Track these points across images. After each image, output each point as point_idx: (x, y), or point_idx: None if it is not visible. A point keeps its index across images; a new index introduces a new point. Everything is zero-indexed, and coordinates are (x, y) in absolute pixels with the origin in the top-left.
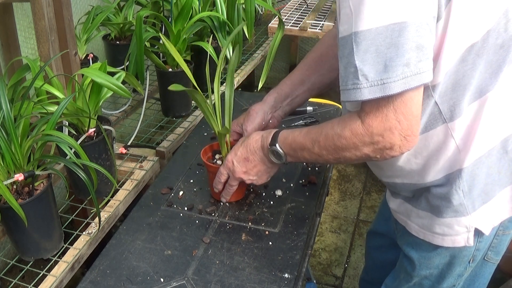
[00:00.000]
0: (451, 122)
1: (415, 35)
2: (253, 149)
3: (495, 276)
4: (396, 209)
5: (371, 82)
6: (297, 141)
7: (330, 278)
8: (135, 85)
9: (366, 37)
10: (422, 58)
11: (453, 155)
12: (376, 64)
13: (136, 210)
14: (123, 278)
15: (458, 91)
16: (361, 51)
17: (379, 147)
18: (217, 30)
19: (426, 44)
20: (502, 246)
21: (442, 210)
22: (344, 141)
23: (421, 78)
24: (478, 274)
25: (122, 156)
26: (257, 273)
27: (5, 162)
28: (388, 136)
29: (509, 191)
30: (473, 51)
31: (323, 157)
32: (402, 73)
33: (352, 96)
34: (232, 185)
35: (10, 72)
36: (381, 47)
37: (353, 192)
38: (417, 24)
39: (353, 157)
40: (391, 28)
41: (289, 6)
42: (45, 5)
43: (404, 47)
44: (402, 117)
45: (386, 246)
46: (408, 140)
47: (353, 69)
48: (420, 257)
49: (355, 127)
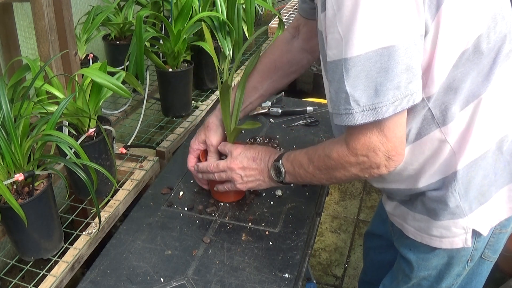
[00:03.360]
0: (444, 127)
1: (404, 57)
2: (262, 156)
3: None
4: (392, 212)
5: (362, 107)
6: (297, 159)
7: (330, 278)
8: (135, 85)
9: (355, 63)
10: (412, 79)
11: (449, 159)
12: (367, 89)
13: (136, 210)
14: (123, 278)
15: (450, 94)
16: (352, 77)
17: (365, 167)
18: (217, 30)
19: (415, 65)
20: (499, 244)
21: (439, 213)
22: (332, 162)
23: (412, 99)
24: (476, 273)
25: (122, 156)
26: (257, 273)
27: (5, 162)
28: (373, 156)
29: (506, 192)
30: (464, 57)
31: (317, 176)
32: (393, 96)
33: (345, 121)
34: (222, 170)
35: (10, 72)
36: (371, 72)
37: (353, 192)
38: (406, 46)
39: (343, 177)
40: (380, 53)
41: (289, 6)
42: (45, 5)
43: (394, 70)
44: (385, 140)
45: (383, 247)
46: (394, 159)
47: (344, 95)
48: (418, 259)
49: (341, 150)
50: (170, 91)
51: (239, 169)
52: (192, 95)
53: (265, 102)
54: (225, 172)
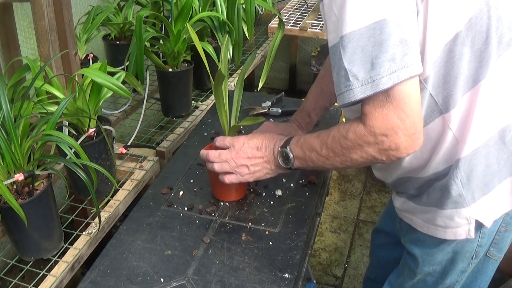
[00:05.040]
0: (447, 113)
1: (396, 31)
2: (266, 145)
3: (495, 276)
4: (400, 207)
5: (361, 82)
6: (307, 142)
7: (330, 278)
8: (135, 85)
9: (351, 39)
10: (407, 52)
11: (452, 146)
12: (364, 64)
13: (136, 210)
14: (123, 278)
15: (450, 81)
16: (348, 54)
17: (384, 148)
18: (217, 30)
19: (409, 38)
20: (504, 243)
21: (443, 201)
22: (349, 143)
23: (409, 71)
24: (481, 271)
25: (122, 156)
26: (257, 273)
27: (5, 162)
28: (392, 136)
29: (509, 183)
30: (459, 41)
31: (330, 159)
32: (389, 68)
33: (346, 98)
34: (224, 161)
35: (10, 72)
36: (366, 47)
37: (353, 192)
38: (397, 20)
39: (359, 158)
40: (372, 27)
41: (289, 6)
42: (45, 5)
43: (387, 43)
44: (403, 114)
45: (390, 244)
46: (413, 139)
47: (343, 72)
48: (423, 254)
49: (358, 129)
50: (170, 91)
51: (244, 160)
52: (192, 95)
53: (265, 102)
54: (228, 164)
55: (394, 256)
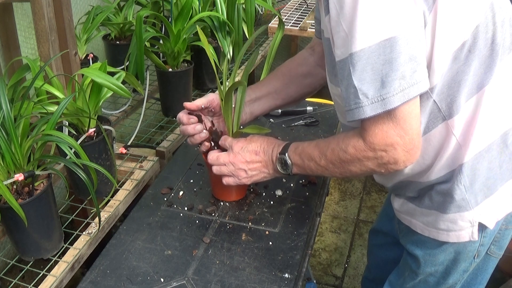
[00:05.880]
0: (451, 119)
1: (406, 48)
2: (265, 149)
3: (495, 276)
4: (399, 209)
5: (371, 100)
6: (306, 151)
7: (330, 278)
8: (135, 85)
9: (361, 57)
10: (416, 69)
11: (455, 152)
12: (374, 82)
13: (136, 210)
14: (123, 278)
15: (454, 87)
16: (358, 71)
17: (383, 162)
18: (217, 30)
19: (418, 54)
20: (505, 240)
21: (446, 206)
22: (348, 156)
23: (419, 88)
24: (481, 269)
25: (122, 156)
26: (257, 273)
27: (5, 162)
28: (391, 151)
29: (511, 185)
30: (465, 48)
31: (329, 170)
32: (400, 86)
33: (356, 115)
34: (223, 164)
35: (10, 72)
36: (376, 65)
37: (353, 192)
38: (407, 37)
39: (358, 171)
40: (382, 45)
41: (289, 6)
42: (45, 5)
43: (397, 61)
44: (403, 132)
45: (388, 244)
46: (411, 153)
47: (353, 89)
48: (425, 255)
49: (358, 144)
50: (170, 91)
51: (243, 164)
52: (192, 95)
53: None
54: (226, 167)
55: (393, 256)
